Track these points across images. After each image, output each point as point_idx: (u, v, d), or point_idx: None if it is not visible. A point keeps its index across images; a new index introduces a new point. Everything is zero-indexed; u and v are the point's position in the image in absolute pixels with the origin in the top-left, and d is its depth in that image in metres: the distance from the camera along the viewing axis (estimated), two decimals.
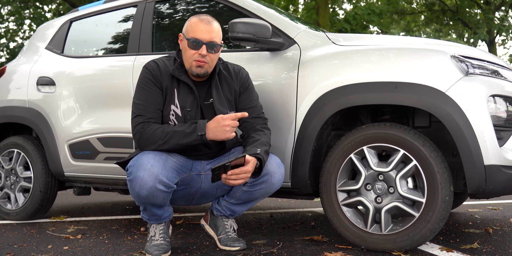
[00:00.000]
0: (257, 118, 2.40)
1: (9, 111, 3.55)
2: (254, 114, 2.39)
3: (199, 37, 2.27)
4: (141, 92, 2.33)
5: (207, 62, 2.29)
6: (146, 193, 2.16)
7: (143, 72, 2.35)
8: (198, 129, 2.20)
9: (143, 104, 2.30)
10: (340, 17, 15.88)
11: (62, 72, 3.39)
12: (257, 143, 2.25)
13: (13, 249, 2.53)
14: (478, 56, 2.37)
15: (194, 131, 2.20)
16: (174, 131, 2.22)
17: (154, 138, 2.23)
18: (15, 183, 3.52)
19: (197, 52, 2.27)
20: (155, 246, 2.31)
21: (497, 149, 2.15)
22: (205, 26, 2.28)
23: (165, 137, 2.22)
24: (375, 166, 2.31)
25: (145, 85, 2.32)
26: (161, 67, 2.34)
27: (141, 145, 2.27)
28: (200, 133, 2.19)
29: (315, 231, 2.92)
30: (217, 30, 2.32)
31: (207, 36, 2.27)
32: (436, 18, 18.09)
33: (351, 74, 2.37)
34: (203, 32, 2.27)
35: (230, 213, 2.50)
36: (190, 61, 2.29)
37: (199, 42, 2.26)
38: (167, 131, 2.23)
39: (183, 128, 2.22)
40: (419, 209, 2.23)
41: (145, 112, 2.30)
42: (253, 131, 2.34)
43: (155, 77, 2.32)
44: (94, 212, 4.01)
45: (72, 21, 3.64)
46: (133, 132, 2.29)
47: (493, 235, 2.72)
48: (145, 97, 2.31)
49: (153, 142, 2.24)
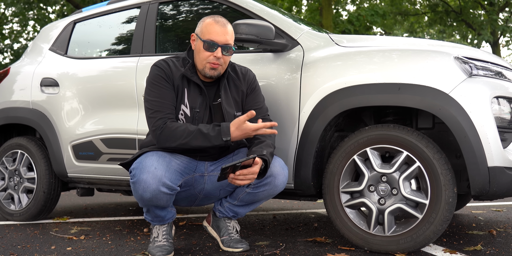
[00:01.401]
0: (263, 120, 2.40)
1: (13, 112, 3.57)
2: (260, 116, 2.39)
3: (215, 39, 2.26)
4: (154, 89, 2.30)
5: (221, 64, 2.29)
6: (150, 196, 2.16)
7: (155, 69, 2.33)
8: (223, 134, 2.19)
9: (159, 101, 2.28)
10: (343, 18, 15.86)
11: (65, 73, 3.40)
12: (262, 145, 2.25)
13: (16, 250, 2.53)
14: (482, 57, 2.37)
15: (218, 135, 2.19)
16: (198, 132, 2.20)
17: (176, 135, 2.21)
18: (19, 184, 3.53)
19: (212, 54, 2.26)
20: (158, 247, 2.31)
21: (501, 151, 2.14)
22: (220, 28, 2.27)
23: (188, 136, 2.20)
24: (379, 167, 2.30)
25: (158, 82, 2.30)
26: (171, 67, 2.34)
27: (161, 141, 2.25)
28: (225, 139, 2.19)
29: (318, 233, 2.91)
30: (231, 32, 2.32)
31: (223, 38, 2.27)
32: (440, 19, 18.05)
33: (355, 75, 2.37)
34: (219, 34, 2.26)
35: (233, 214, 2.50)
36: (204, 63, 2.29)
37: (215, 44, 2.26)
38: (191, 130, 2.21)
39: (208, 130, 2.21)
40: (422, 210, 2.22)
41: (163, 108, 2.28)
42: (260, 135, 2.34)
43: (167, 75, 2.31)
44: (97, 213, 4.01)
45: (76, 22, 3.65)
46: (152, 128, 2.26)
47: (496, 237, 2.71)
48: (160, 94, 2.29)
49: (175, 139, 2.22)
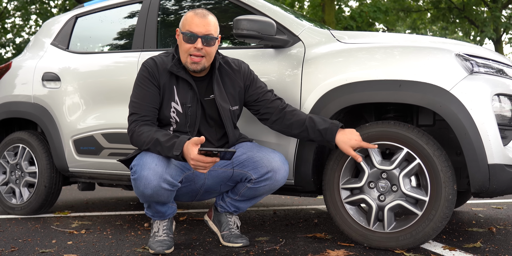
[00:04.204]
0: (276, 100, 2.40)
1: (15, 106, 3.57)
2: (272, 97, 2.40)
3: (194, 31, 2.26)
4: (137, 90, 2.33)
5: (204, 56, 2.28)
6: (151, 192, 2.17)
7: (141, 69, 2.35)
8: (176, 148, 2.10)
9: (139, 102, 2.31)
10: (345, 14, 15.84)
11: (67, 68, 3.41)
12: (316, 118, 2.30)
13: (17, 244, 2.54)
14: (483, 54, 2.36)
15: (171, 148, 2.13)
16: (156, 140, 2.16)
17: (140, 141, 2.23)
18: (20, 178, 3.54)
19: (192, 45, 2.26)
20: (158, 242, 2.32)
21: (501, 148, 2.14)
22: (200, 19, 2.27)
23: (149, 143, 2.19)
24: (379, 164, 2.31)
25: (141, 83, 2.33)
26: (158, 64, 2.34)
27: (132, 144, 2.30)
28: (175, 153, 2.10)
29: (318, 229, 2.92)
30: (213, 23, 2.30)
31: (203, 29, 2.26)
32: (443, 16, 18.01)
33: (356, 72, 2.37)
34: (198, 25, 2.26)
35: (234, 209, 2.51)
36: (185, 56, 2.29)
37: (194, 35, 2.25)
38: (152, 137, 2.18)
39: (165, 139, 2.15)
40: (422, 207, 2.23)
41: (140, 110, 2.30)
42: (289, 113, 2.34)
43: (152, 74, 2.32)
44: (98, 207, 4.03)
45: (78, 17, 3.65)
46: (127, 130, 2.31)
47: (496, 234, 2.71)
48: (141, 96, 2.31)
49: (140, 144, 2.24)
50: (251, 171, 2.33)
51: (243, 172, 2.35)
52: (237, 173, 2.37)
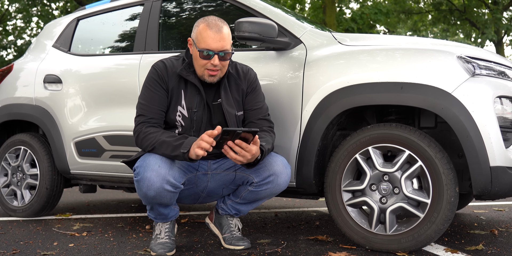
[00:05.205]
0: (263, 120, 2.39)
1: (16, 108, 3.57)
2: (260, 116, 2.39)
3: (210, 48, 2.23)
4: (146, 92, 2.34)
5: (220, 69, 2.29)
6: (154, 194, 2.17)
7: (150, 72, 2.36)
8: (184, 146, 2.13)
9: (146, 105, 2.31)
10: (347, 17, 15.83)
11: (68, 70, 3.41)
12: (263, 140, 2.25)
13: (19, 246, 2.54)
14: (485, 57, 2.36)
15: (179, 146, 2.14)
16: (163, 141, 2.18)
17: (146, 142, 2.23)
18: (22, 180, 3.54)
19: (209, 62, 2.25)
20: (160, 244, 2.32)
21: (503, 151, 2.14)
22: (215, 35, 2.24)
23: (154, 144, 2.20)
24: (380, 166, 2.30)
25: (150, 85, 2.33)
26: (168, 68, 2.34)
27: (138, 145, 2.30)
28: (183, 151, 2.12)
29: (320, 231, 2.92)
30: (227, 36, 2.28)
31: (219, 45, 2.24)
32: (444, 17, 18.00)
33: (357, 74, 2.37)
34: (214, 41, 2.23)
35: (235, 212, 2.50)
36: (202, 70, 2.29)
37: (210, 52, 2.24)
38: (158, 138, 2.20)
39: (173, 139, 2.18)
40: (424, 210, 2.22)
41: (147, 112, 2.31)
42: (260, 132, 2.34)
43: (161, 77, 2.33)
44: (99, 209, 4.03)
45: (79, 19, 3.66)
46: (133, 131, 2.32)
47: (498, 237, 2.71)
48: (149, 98, 2.32)
49: (144, 146, 2.25)
50: (253, 174, 2.33)
51: (245, 175, 2.35)
52: (239, 176, 2.37)
